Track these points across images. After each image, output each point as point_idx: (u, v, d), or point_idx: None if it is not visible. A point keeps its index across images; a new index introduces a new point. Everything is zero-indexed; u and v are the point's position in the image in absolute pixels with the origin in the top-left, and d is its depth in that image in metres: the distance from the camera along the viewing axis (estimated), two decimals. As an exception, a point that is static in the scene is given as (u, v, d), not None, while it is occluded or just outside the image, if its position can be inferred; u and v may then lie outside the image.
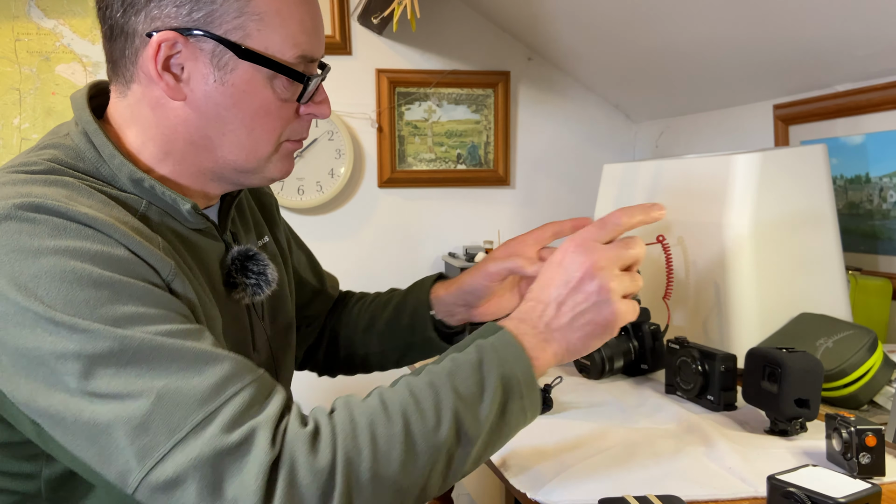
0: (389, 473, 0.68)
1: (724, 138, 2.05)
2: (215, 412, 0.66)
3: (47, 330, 0.66)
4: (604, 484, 0.79)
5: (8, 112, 2.19)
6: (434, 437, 0.70)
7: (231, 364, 0.69)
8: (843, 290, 1.24)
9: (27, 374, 0.66)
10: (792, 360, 0.91)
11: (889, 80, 1.41)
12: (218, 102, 0.80)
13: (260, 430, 0.66)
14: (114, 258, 0.70)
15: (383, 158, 2.41)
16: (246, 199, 1.04)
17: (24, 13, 2.19)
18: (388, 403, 0.71)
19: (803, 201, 1.21)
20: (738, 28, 1.58)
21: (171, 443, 0.64)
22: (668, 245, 1.26)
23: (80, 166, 0.79)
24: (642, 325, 1.20)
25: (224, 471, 0.65)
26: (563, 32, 2.18)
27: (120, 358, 0.66)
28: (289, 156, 0.88)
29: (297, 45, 0.81)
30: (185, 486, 0.64)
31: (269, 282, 0.92)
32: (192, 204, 0.82)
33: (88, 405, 0.65)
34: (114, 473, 0.66)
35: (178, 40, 0.78)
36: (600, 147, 2.58)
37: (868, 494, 0.67)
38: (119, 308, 0.67)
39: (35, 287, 0.66)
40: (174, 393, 0.66)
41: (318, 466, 0.66)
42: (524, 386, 0.75)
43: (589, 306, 0.80)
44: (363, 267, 2.43)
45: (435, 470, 0.71)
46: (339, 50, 2.35)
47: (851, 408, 1.05)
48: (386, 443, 0.69)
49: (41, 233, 0.69)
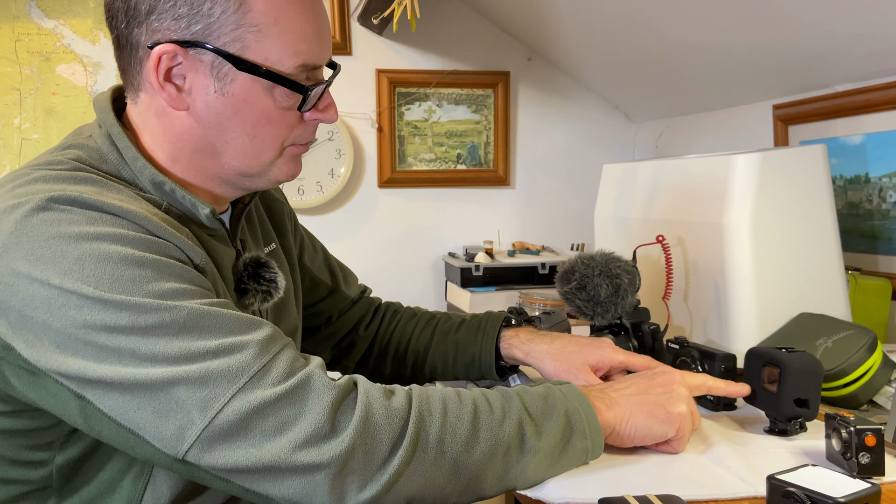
0: (453, 445, 0.72)
1: (723, 138, 2.06)
2: (269, 363, 0.70)
3: (96, 309, 0.68)
4: (604, 484, 0.79)
5: (8, 112, 2.20)
6: (498, 430, 0.75)
7: (270, 327, 0.74)
8: (842, 290, 1.24)
9: (74, 352, 0.68)
10: (791, 359, 0.91)
11: (889, 80, 1.41)
12: (219, 112, 0.82)
13: (315, 376, 0.71)
14: (150, 242, 0.73)
15: (383, 158, 2.41)
16: (255, 208, 1.05)
17: (24, 13, 2.19)
18: (460, 392, 0.78)
19: (803, 201, 1.21)
20: (737, 28, 1.58)
21: (231, 391, 0.68)
22: (667, 245, 1.26)
23: (102, 168, 0.81)
24: (642, 325, 1.20)
25: (287, 413, 0.68)
26: (563, 32, 2.18)
27: (171, 327, 0.69)
28: (294, 159, 0.90)
29: (296, 55, 0.82)
30: (249, 431, 0.68)
31: (279, 288, 0.94)
32: (211, 208, 0.85)
33: (145, 369, 0.68)
34: (170, 430, 0.68)
35: (178, 52, 0.79)
36: (600, 147, 2.59)
37: (868, 494, 0.67)
38: (163, 284, 0.71)
39: (80, 270, 0.68)
40: (228, 350, 0.69)
41: (393, 409, 0.72)
42: (587, 426, 0.80)
43: (657, 395, 0.86)
44: (363, 267, 2.41)
45: (492, 463, 0.74)
46: (339, 50, 2.35)
47: (851, 408, 1.05)
48: (455, 417, 0.74)
49: (79, 221, 0.71)
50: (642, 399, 0.85)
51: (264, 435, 0.68)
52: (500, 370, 1.14)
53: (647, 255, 1.34)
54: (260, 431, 0.68)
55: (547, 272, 2.22)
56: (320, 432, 0.68)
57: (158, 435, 0.68)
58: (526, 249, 2.40)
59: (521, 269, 2.23)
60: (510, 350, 1.12)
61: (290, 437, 0.68)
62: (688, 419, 0.85)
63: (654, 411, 0.84)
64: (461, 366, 1.15)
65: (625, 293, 1.17)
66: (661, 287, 1.27)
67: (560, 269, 1.22)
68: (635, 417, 0.84)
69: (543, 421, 0.78)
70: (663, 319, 1.26)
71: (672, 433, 0.85)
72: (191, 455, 0.68)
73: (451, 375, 1.18)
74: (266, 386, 0.69)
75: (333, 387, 0.71)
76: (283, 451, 0.67)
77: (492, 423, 0.75)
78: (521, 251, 2.40)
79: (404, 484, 0.70)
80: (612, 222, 1.55)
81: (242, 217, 0.96)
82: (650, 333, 1.20)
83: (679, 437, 0.85)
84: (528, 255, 2.35)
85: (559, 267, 1.23)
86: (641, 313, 1.21)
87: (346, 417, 0.70)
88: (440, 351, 1.17)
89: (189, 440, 0.67)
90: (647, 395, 0.86)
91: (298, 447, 0.68)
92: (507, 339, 1.13)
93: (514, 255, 2.35)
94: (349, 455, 0.68)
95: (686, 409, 0.86)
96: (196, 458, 0.68)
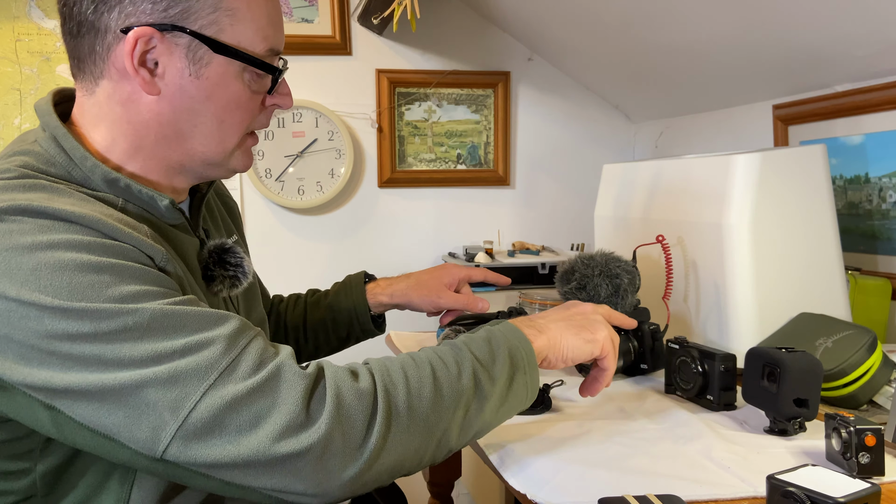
0: (421, 408, 0.75)
1: (723, 138, 2.06)
2: (238, 357, 0.70)
3: (56, 318, 0.67)
4: (604, 484, 0.79)
5: (8, 112, 2.20)
6: (457, 384, 0.78)
7: (237, 320, 0.74)
8: (842, 290, 1.24)
9: (40, 363, 0.67)
10: (791, 359, 0.91)
11: (889, 80, 1.41)
12: (192, 96, 0.82)
13: (285, 367, 0.72)
14: (106, 246, 0.72)
15: (383, 158, 2.41)
16: (213, 200, 1.06)
17: (24, 14, 2.19)
18: (414, 356, 0.80)
19: (803, 201, 1.21)
20: (737, 28, 1.58)
21: (202, 389, 0.68)
22: (667, 245, 1.26)
23: (51, 171, 0.79)
24: (642, 324, 1.20)
25: (261, 406, 0.69)
26: (563, 32, 2.18)
27: (135, 330, 0.68)
28: (248, 149, 0.92)
29: (266, 39, 0.84)
30: (224, 427, 0.68)
31: (247, 273, 0.94)
32: (170, 199, 0.84)
33: (112, 374, 0.67)
34: (145, 433, 0.67)
35: (153, 36, 0.79)
36: (600, 147, 2.59)
37: (867, 494, 0.67)
38: (123, 288, 0.70)
39: (36, 281, 0.67)
40: (196, 348, 0.69)
41: (362, 389, 0.73)
42: (527, 363, 0.84)
43: (581, 321, 0.93)
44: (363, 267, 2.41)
45: (456, 415, 0.77)
46: (339, 50, 2.35)
47: (851, 407, 1.05)
48: (417, 381, 0.76)
49: (31, 230, 0.70)
50: (568, 323, 0.92)
51: (240, 429, 0.68)
52: (373, 320, 1.28)
53: (647, 255, 1.34)
54: (235, 426, 0.68)
55: (547, 272, 2.23)
56: (296, 421, 0.69)
57: (133, 438, 0.68)
58: (526, 249, 2.40)
59: (521, 269, 2.23)
60: (376, 298, 1.27)
61: (267, 429, 0.68)
62: (609, 339, 0.93)
63: (580, 332, 0.91)
64: (342, 325, 1.27)
65: (625, 293, 1.17)
66: (661, 287, 1.27)
67: (560, 269, 1.22)
68: (565, 339, 0.90)
69: (492, 365, 0.81)
70: (663, 319, 1.26)
71: (598, 352, 0.92)
72: (169, 454, 0.68)
73: (334, 340, 1.28)
74: (237, 380, 0.69)
75: (304, 375, 0.72)
76: (262, 444, 0.68)
77: (450, 378, 0.78)
78: (521, 251, 2.40)
79: (385, 456, 0.72)
80: (612, 222, 1.55)
81: (203, 206, 0.97)
82: (650, 333, 1.20)
83: (606, 355, 0.93)
84: (528, 255, 2.35)
85: (559, 267, 1.23)
86: (641, 313, 1.21)
87: (320, 404, 0.70)
88: (317, 318, 1.27)
89: (164, 441, 0.67)
90: (572, 320, 0.93)
91: (276, 439, 0.68)
92: (371, 291, 1.28)
93: (514, 255, 2.35)
94: (328, 440, 0.69)
95: (606, 332, 0.93)
96: (174, 457, 0.68)
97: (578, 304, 0.99)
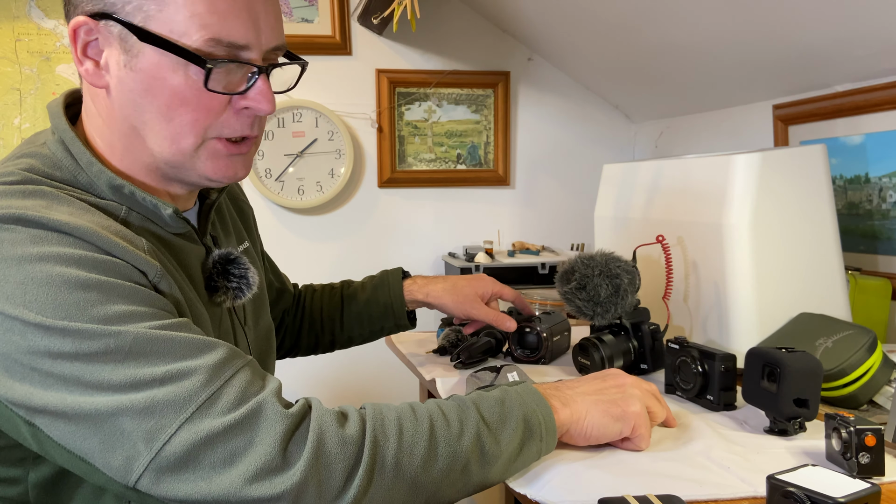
0: (411, 466, 0.70)
1: (723, 138, 2.06)
2: (219, 391, 0.67)
3: (39, 335, 0.65)
4: (604, 484, 0.79)
5: (8, 112, 2.20)
6: (456, 445, 0.73)
7: (225, 349, 0.71)
8: (842, 290, 1.24)
9: (21, 377, 0.66)
10: (791, 359, 0.91)
11: (889, 80, 1.41)
12: (131, 89, 0.78)
13: (267, 404, 0.68)
14: (98, 261, 0.70)
15: (383, 158, 2.41)
16: (226, 205, 1.04)
17: (24, 13, 2.19)
18: (415, 408, 0.75)
19: (803, 201, 1.21)
20: (737, 28, 1.58)
21: (178, 422, 0.65)
22: (667, 245, 1.26)
23: (56, 175, 0.77)
24: (642, 324, 1.20)
25: (236, 444, 0.66)
26: (563, 32, 2.18)
27: (117, 354, 0.66)
28: (219, 155, 0.82)
29: (204, 27, 0.75)
30: (198, 464, 0.65)
31: (251, 285, 0.91)
32: (174, 208, 0.82)
33: (90, 398, 0.66)
34: (118, 461, 0.66)
35: (90, 24, 0.77)
36: (600, 147, 2.59)
37: (867, 494, 0.67)
38: (109, 307, 0.67)
39: (23, 295, 0.66)
40: (176, 377, 0.67)
41: (347, 437, 0.69)
42: (545, 429, 0.80)
43: (613, 395, 0.87)
44: (363, 267, 2.41)
45: (450, 478, 0.73)
46: (339, 50, 2.35)
47: (851, 408, 1.05)
48: (411, 437, 0.71)
49: (22, 241, 0.68)
50: (598, 398, 0.86)
51: (213, 467, 0.65)
52: (408, 316, 1.29)
53: (647, 255, 1.34)
54: (209, 464, 0.65)
55: (547, 272, 2.23)
56: (271, 465, 0.65)
57: (107, 464, 0.66)
58: (526, 249, 2.40)
59: (521, 269, 2.24)
60: (412, 295, 1.27)
61: (241, 469, 0.65)
62: (643, 417, 0.87)
63: (610, 409, 0.85)
64: (377, 319, 1.27)
65: (625, 293, 1.17)
66: (661, 287, 1.27)
67: (560, 269, 1.22)
68: (591, 415, 0.84)
69: (501, 428, 0.77)
70: (663, 319, 1.26)
71: (627, 431, 0.86)
72: (140, 485, 0.66)
73: (367, 332, 1.29)
74: (214, 415, 0.66)
75: (286, 416, 0.68)
76: (234, 486, 0.65)
77: (449, 438, 0.73)
78: (521, 251, 2.40)
79: None
80: (611, 222, 1.55)
81: (212, 213, 0.94)
82: (650, 333, 1.20)
83: (638, 435, 0.86)
84: (527, 255, 2.35)
85: (559, 267, 1.23)
86: (641, 313, 1.21)
87: (299, 448, 0.67)
88: (354, 311, 1.28)
89: (137, 472, 0.65)
90: (603, 394, 0.87)
91: (248, 481, 0.65)
92: (408, 288, 1.28)
93: (514, 255, 2.35)
94: (302, 488, 0.66)
95: (640, 408, 0.87)
96: (146, 489, 0.66)
97: (619, 374, 0.92)
